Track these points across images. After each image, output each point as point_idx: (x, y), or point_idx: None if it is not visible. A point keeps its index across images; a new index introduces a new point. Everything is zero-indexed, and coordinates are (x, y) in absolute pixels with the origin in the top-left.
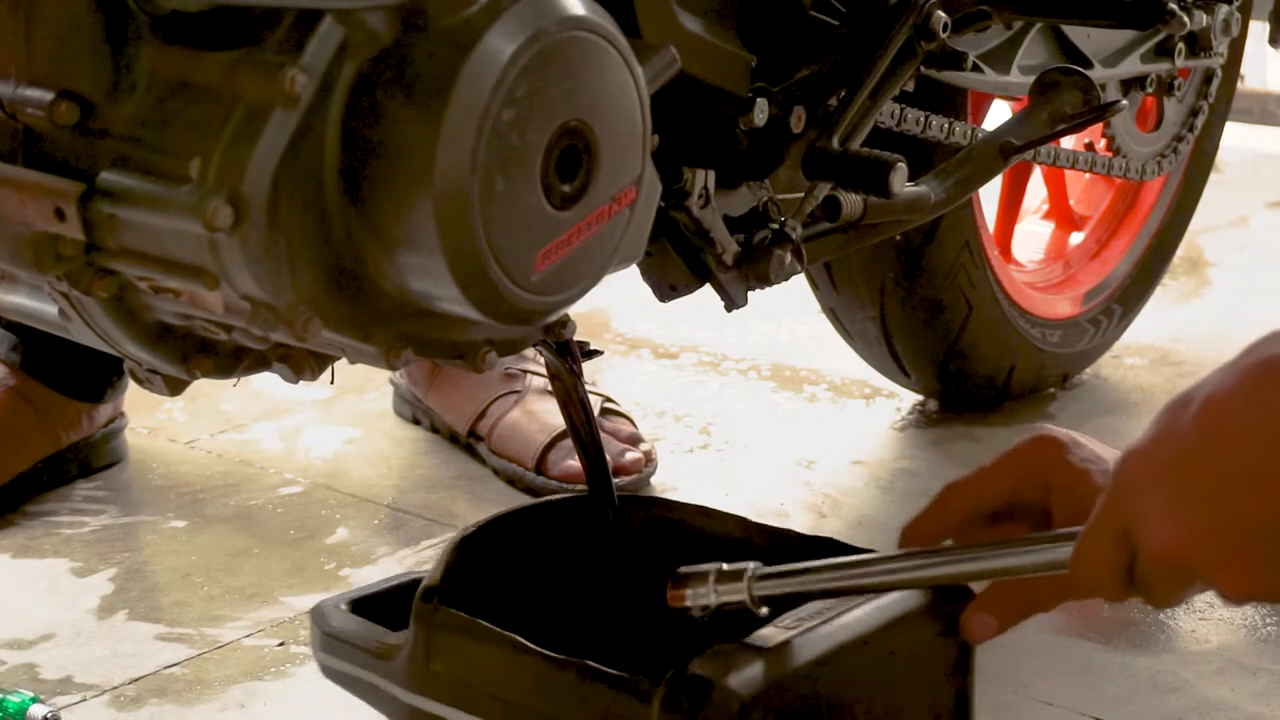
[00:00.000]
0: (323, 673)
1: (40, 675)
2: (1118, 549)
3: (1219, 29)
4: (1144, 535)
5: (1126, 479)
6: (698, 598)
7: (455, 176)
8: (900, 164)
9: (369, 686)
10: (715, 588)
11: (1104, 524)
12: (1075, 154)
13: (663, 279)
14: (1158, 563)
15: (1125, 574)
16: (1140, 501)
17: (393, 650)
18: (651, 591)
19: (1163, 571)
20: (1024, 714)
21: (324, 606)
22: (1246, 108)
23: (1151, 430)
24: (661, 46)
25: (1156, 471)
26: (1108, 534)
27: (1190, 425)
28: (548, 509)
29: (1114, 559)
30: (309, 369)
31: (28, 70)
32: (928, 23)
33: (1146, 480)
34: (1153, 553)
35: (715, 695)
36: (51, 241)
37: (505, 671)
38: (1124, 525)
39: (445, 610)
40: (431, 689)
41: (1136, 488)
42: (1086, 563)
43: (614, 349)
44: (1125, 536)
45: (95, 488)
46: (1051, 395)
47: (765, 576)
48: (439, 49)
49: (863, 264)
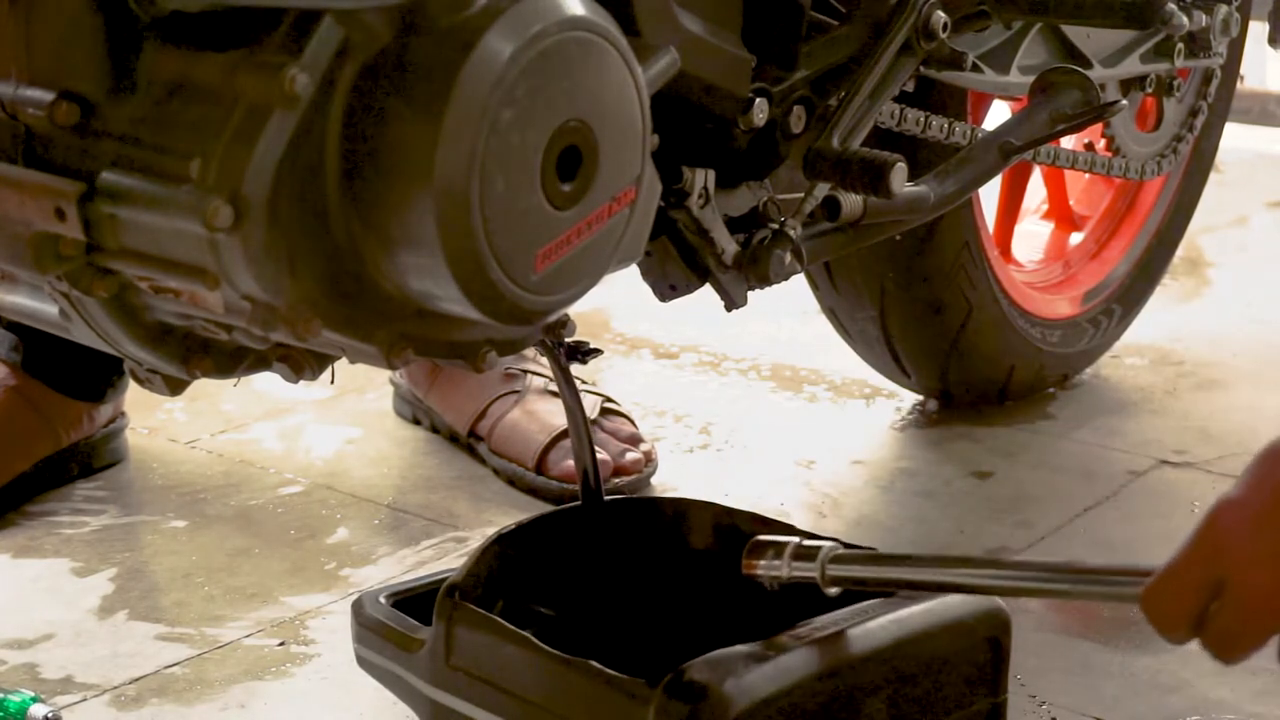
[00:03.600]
0: (357, 663)
1: (41, 675)
2: (1198, 593)
3: (1218, 29)
4: (1244, 580)
5: (1223, 525)
6: (771, 569)
7: (455, 176)
8: (900, 164)
9: (395, 678)
10: (790, 561)
11: (1191, 566)
12: (1075, 154)
13: (663, 278)
14: (1253, 608)
15: (1196, 620)
16: (1241, 548)
17: (417, 644)
18: (681, 595)
19: (1256, 618)
20: (1024, 714)
21: (364, 598)
22: (1246, 108)
23: (1249, 479)
24: (661, 47)
25: (1260, 521)
26: (1193, 576)
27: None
28: (586, 512)
29: (1193, 602)
30: (309, 369)
31: (28, 71)
32: (927, 23)
33: (1249, 527)
34: (1251, 597)
35: (710, 701)
36: (52, 241)
37: (517, 669)
38: (1215, 571)
39: (466, 607)
40: (451, 684)
41: (1236, 534)
42: (1163, 600)
43: (614, 349)
44: (1211, 583)
45: (96, 487)
46: (1051, 395)
47: (840, 559)
48: (439, 49)
49: (863, 264)
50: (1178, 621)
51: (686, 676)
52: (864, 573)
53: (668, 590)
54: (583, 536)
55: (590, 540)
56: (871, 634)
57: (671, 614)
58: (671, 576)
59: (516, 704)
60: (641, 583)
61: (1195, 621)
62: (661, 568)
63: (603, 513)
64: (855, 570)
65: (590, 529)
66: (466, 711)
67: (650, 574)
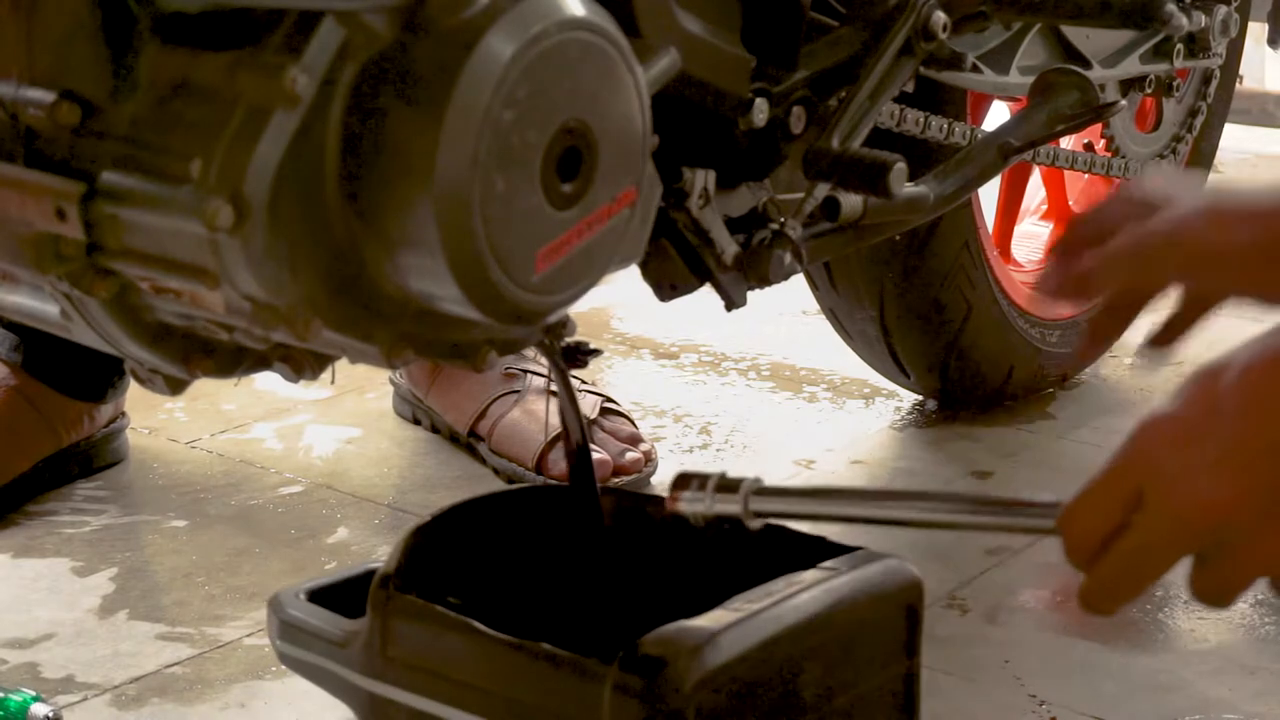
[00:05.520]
0: (281, 660)
1: (41, 674)
2: (1119, 505)
3: (1217, 30)
4: (1167, 496)
5: (1147, 441)
6: (693, 502)
7: (456, 177)
8: (900, 164)
9: (327, 673)
10: (712, 494)
11: (1112, 482)
12: (1074, 154)
13: (663, 279)
14: (1174, 525)
15: (1112, 538)
16: (1165, 464)
17: (350, 637)
18: (615, 578)
19: (1174, 535)
20: (1024, 714)
21: (281, 596)
22: (1245, 108)
23: (1176, 398)
24: (662, 47)
25: (1187, 436)
26: (1115, 492)
27: (1229, 392)
28: (506, 498)
29: (1112, 514)
30: (309, 369)
31: (29, 71)
32: (927, 24)
33: (1175, 444)
34: (1173, 513)
35: (666, 675)
36: (53, 241)
37: (460, 655)
38: (1137, 486)
39: (401, 596)
40: (388, 674)
41: (1160, 450)
42: (1082, 515)
43: (614, 349)
44: (1131, 495)
45: (96, 487)
46: (1051, 395)
47: (762, 492)
48: (440, 50)
49: (863, 264)
50: (1092, 536)
51: (641, 651)
52: (787, 506)
53: (592, 575)
54: (505, 523)
55: (512, 527)
56: (805, 604)
57: (599, 597)
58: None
59: (462, 690)
60: (563, 568)
61: (1107, 540)
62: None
63: (524, 500)
64: (778, 504)
65: (513, 515)
66: (406, 701)
67: (572, 560)
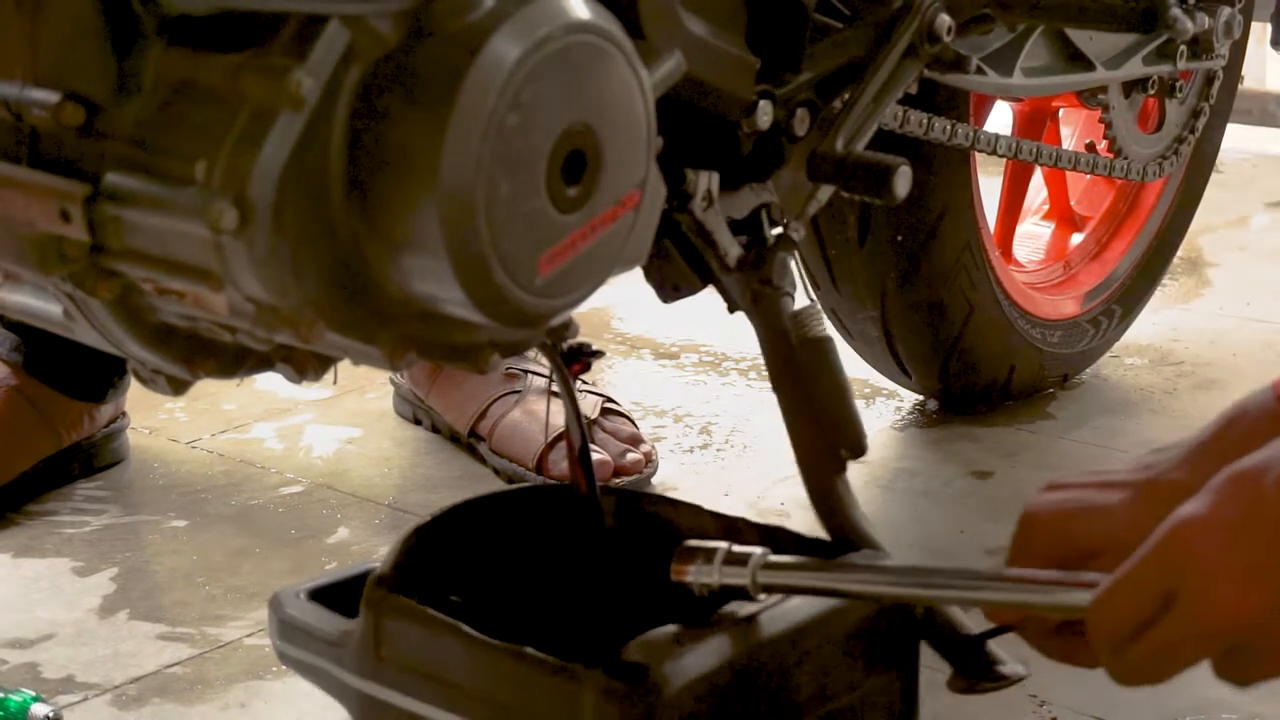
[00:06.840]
0: (281, 660)
1: (42, 674)
2: (1149, 606)
3: (1221, 31)
4: (1199, 601)
5: (1183, 540)
6: (701, 574)
7: (460, 180)
8: (904, 166)
9: (323, 673)
10: (720, 567)
11: (1148, 576)
12: (1077, 155)
13: (665, 280)
14: (1204, 630)
15: (1139, 629)
16: (1200, 567)
17: (345, 637)
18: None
19: (1203, 639)
20: (1024, 714)
21: (282, 595)
22: (1246, 108)
23: (1212, 496)
24: (666, 50)
25: (1224, 540)
26: (1147, 588)
27: (1270, 497)
28: (506, 498)
29: (1144, 612)
30: (312, 370)
31: (34, 72)
32: (932, 26)
33: (1212, 544)
34: (1204, 619)
35: (650, 681)
36: (56, 242)
37: (450, 658)
38: (1169, 585)
39: (394, 597)
40: (381, 675)
41: (1196, 550)
42: (1113, 608)
43: (614, 349)
44: (1164, 595)
45: (97, 487)
46: (1051, 395)
47: (771, 565)
48: (444, 53)
49: (864, 264)
50: (1123, 630)
51: (624, 657)
52: (795, 580)
53: (587, 578)
54: (503, 524)
55: (511, 528)
56: (798, 608)
57: (592, 601)
58: (589, 564)
59: (452, 693)
60: (560, 570)
61: (1135, 634)
62: (579, 556)
63: (524, 500)
64: (786, 578)
65: (511, 517)
66: (398, 703)
67: (569, 562)
